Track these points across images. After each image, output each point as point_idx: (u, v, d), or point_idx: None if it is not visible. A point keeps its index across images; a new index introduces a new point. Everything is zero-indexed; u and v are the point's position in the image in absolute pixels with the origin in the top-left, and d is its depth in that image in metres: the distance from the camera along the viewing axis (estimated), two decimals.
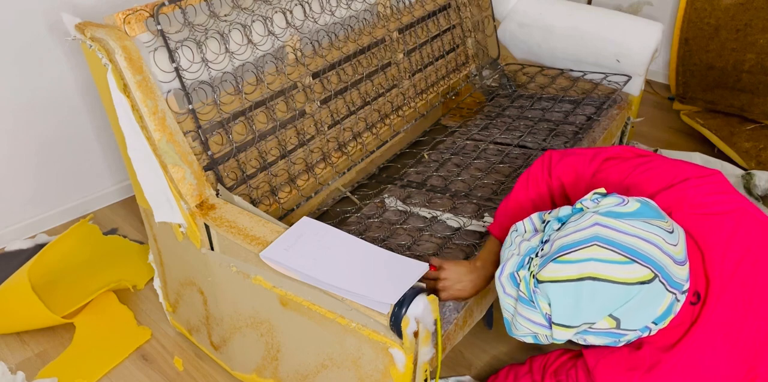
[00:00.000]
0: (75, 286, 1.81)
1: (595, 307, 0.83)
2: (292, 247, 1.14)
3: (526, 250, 0.93)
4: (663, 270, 0.83)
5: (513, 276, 0.93)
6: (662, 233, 0.85)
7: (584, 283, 0.83)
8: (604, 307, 0.83)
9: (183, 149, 1.25)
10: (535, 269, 0.89)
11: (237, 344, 1.42)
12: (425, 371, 1.09)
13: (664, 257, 0.83)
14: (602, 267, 0.83)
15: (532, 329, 0.91)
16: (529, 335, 0.94)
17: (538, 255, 0.90)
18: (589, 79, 2.17)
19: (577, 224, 0.87)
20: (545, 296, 0.87)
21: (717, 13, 2.35)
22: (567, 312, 0.85)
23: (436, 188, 1.68)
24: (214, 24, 1.35)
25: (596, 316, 0.84)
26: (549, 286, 0.86)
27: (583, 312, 0.84)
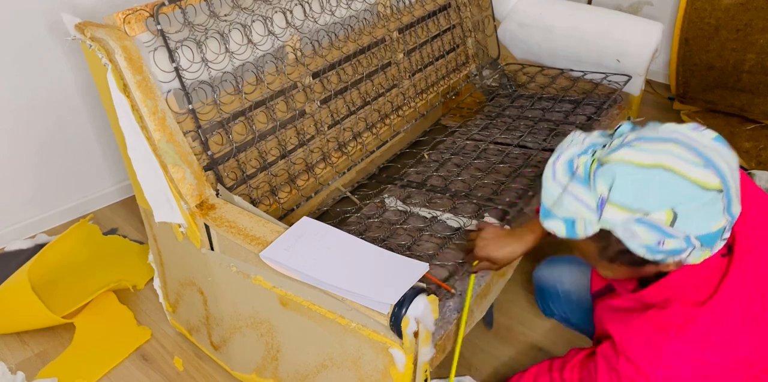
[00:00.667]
0: (75, 286, 1.81)
1: (661, 196, 0.79)
2: (292, 247, 1.14)
3: (590, 143, 0.88)
4: (729, 191, 0.80)
5: (571, 162, 0.87)
6: (734, 160, 0.83)
7: (656, 171, 0.79)
8: (671, 199, 0.79)
9: (183, 149, 1.25)
10: (600, 155, 0.84)
11: (237, 344, 1.42)
12: (425, 371, 1.09)
13: (732, 180, 0.81)
14: (678, 162, 0.79)
15: (577, 211, 0.85)
16: (566, 221, 0.87)
17: (605, 148, 0.85)
18: (589, 79, 2.17)
19: (654, 128, 0.84)
20: (609, 177, 0.81)
21: (717, 13, 2.35)
22: (630, 193, 0.80)
23: (436, 188, 1.68)
24: (214, 24, 1.35)
25: (659, 205, 0.79)
26: (618, 166, 0.81)
27: (648, 198, 0.79)
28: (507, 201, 1.58)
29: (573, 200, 0.85)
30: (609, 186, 0.82)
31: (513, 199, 1.60)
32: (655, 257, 0.84)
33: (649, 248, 0.82)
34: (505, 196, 1.61)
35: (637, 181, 0.80)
